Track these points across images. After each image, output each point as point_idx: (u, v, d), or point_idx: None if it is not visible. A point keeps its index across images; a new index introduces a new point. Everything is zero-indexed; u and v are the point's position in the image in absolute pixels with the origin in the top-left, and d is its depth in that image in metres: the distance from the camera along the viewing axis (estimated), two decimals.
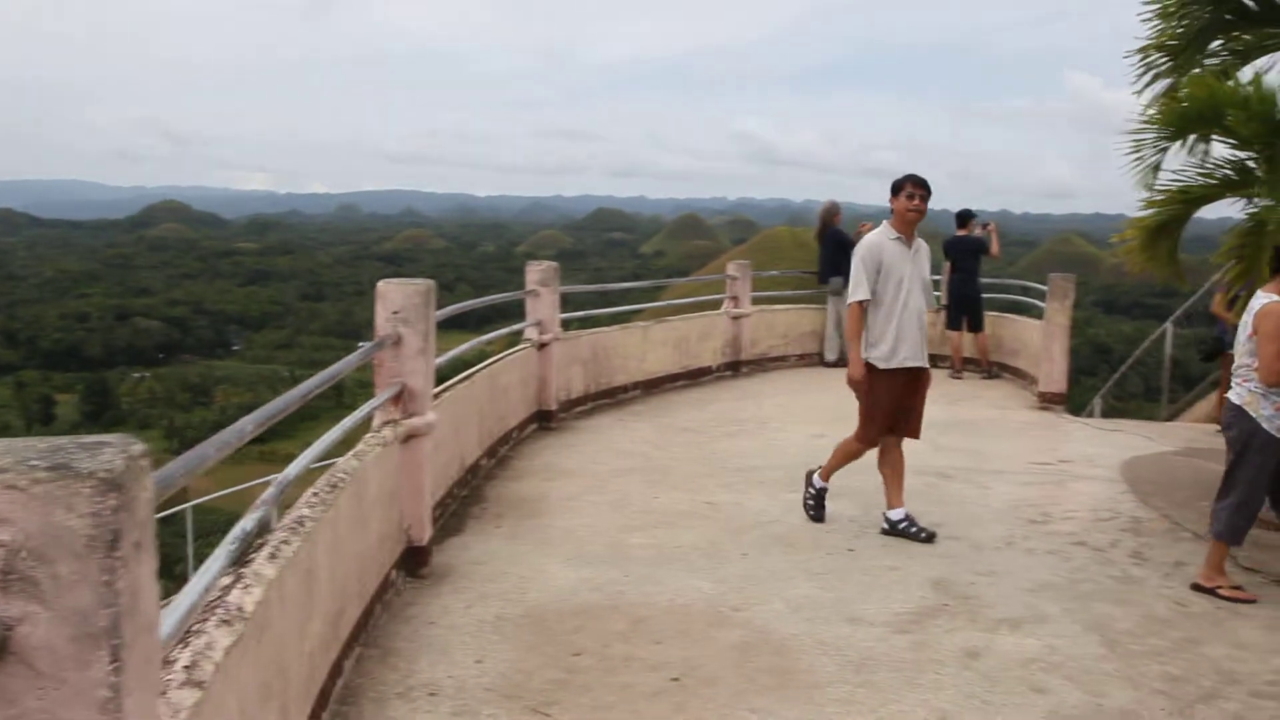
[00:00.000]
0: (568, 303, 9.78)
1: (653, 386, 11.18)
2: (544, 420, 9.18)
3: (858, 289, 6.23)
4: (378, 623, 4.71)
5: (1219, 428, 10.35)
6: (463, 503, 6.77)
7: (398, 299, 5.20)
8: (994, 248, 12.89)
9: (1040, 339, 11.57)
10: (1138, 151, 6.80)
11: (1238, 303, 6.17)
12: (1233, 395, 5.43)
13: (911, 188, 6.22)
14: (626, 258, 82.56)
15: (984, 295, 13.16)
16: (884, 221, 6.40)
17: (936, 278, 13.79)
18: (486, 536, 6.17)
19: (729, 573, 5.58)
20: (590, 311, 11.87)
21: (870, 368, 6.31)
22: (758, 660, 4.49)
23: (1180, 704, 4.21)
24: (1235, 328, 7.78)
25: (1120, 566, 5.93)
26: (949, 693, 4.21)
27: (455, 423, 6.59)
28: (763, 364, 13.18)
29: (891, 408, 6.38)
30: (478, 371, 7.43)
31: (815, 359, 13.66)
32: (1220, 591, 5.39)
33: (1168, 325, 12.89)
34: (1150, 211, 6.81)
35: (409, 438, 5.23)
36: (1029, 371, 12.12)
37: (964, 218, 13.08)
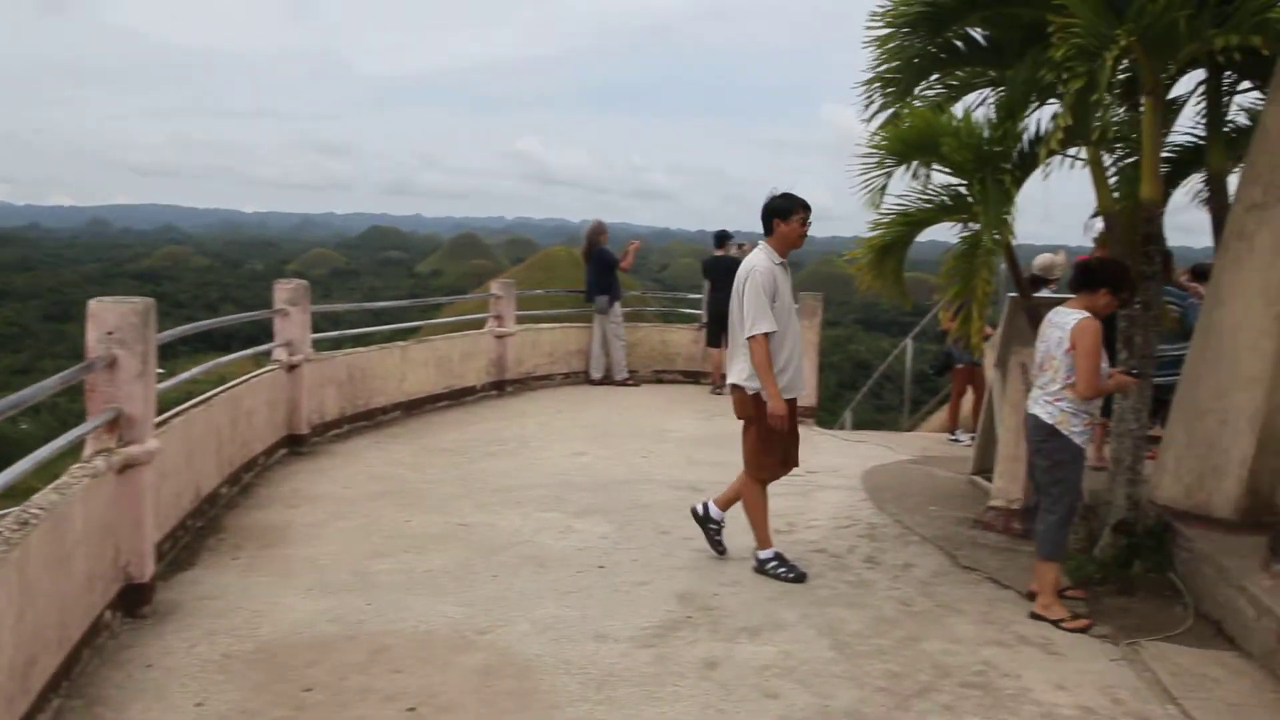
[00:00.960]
0: (339, 322, 9.49)
1: (414, 407, 11.02)
2: (295, 444, 8.89)
3: (762, 320, 5.83)
4: (86, 670, 4.41)
5: (950, 437, 11.03)
6: (197, 534, 6.45)
7: (111, 319, 4.90)
8: None
9: None
10: (867, 175, 7.17)
11: (958, 320, 6.54)
12: (1043, 415, 5.55)
13: (804, 212, 6.10)
14: (403, 276, 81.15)
15: None
16: (761, 244, 6.11)
17: (696, 296, 14.22)
18: (221, 570, 5.90)
19: (477, 595, 5.55)
20: (364, 330, 11.53)
21: (760, 398, 5.96)
22: (499, 684, 4.48)
23: (899, 699, 4.48)
24: (960, 343, 8.29)
25: (855, 571, 6.24)
26: (686, 704, 4.32)
27: (189, 449, 6.30)
28: (528, 383, 13.19)
29: (781, 440, 6.11)
30: (216, 395, 7.08)
31: (581, 377, 13.79)
32: (1063, 625, 5.42)
33: (908, 341, 13.64)
34: (878, 232, 7.17)
35: (126, 467, 4.92)
36: None
37: (721, 238, 13.49)
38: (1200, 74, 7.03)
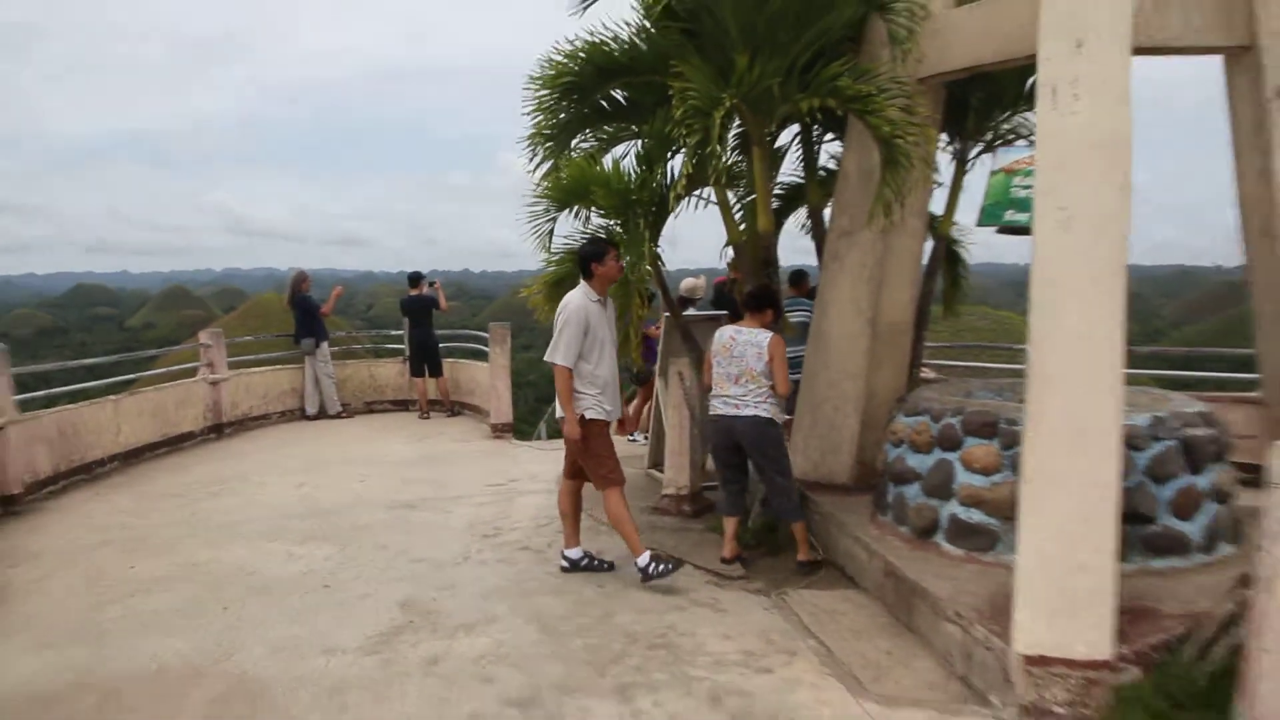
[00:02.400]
0: (50, 380, 8.88)
1: (133, 457, 10.41)
2: (7, 504, 8.24)
3: (567, 353, 5.94)
4: None
5: (629, 438, 11.56)
6: None
7: None
8: (442, 303, 13.50)
9: (488, 378, 12.31)
10: (534, 220, 7.54)
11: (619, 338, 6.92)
12: (761, 413, 6.08)
13: (614, 250, 6.21)
14: (114, 331, 74.56)
15: (441, 344, 13.76)
16: (581, 285, 6.14)
17: (399, 332, 14.24)
18: None
19: (208, 628, 5.40)
20: (79, 386, 10.73)
21: (587, 420, 6.08)
22: (234, 708, 4.42)
23: (598, 667, 4.79)
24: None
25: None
26: (413, 699, 4.45)
27: None
28: (246, 424, 12.75)
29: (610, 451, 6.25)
30: None
31: (297, 414, 13.48)
32: (817, 558, 6.35)
33: None
34: (550, 269, 7.55)
35: None
36: (483, 407, 12.78)
37: (415, 279, 13.60)
38: (797, 128, 7.88)
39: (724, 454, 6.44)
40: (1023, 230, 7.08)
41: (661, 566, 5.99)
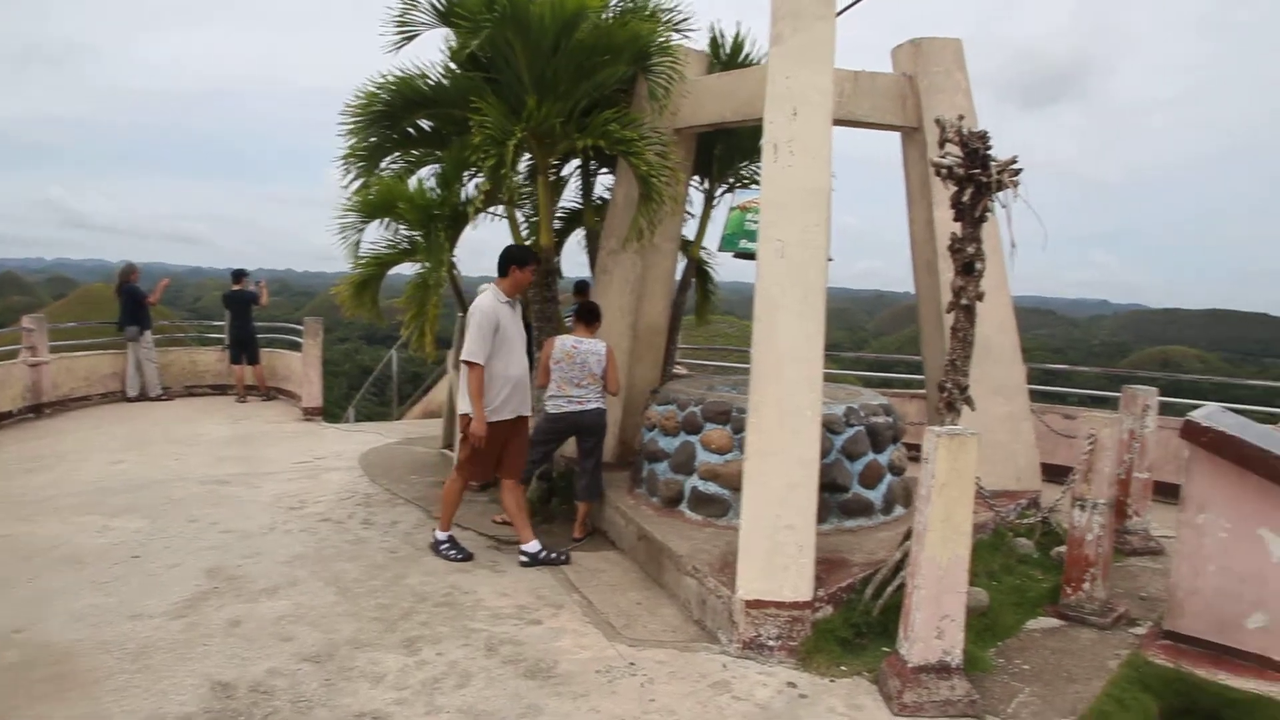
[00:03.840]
0: None
1: None
2: None
3: (478, 351, 5.47)
4: None
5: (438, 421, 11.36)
6: None
7: None
8: (264, 299, 12.93)
9: (301, 366, 11.86)
10: (344, 230, 7.37)
11: (414, 338, 6.84)
12: (602, 405, 6.09)
13: (535, 263, 5.90)
14: None
15: (259, 335, 13.16)
16: (491, 286, 5.72)
17: (221, 323, 13.47)
18: None
19: (13, 599, 4.94)
20: None
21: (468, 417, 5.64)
22: (37, 673, 4.08)
23: (388, 624, 4.74)
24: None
25: (354, 532, 6.37)
26: (215, 658, 4.25)
27: None
28: (67, 405, 11.69)
29: (493, 453, 5.71)
30: None
31: (118, 396, 12.50)
32: (588, 532, 6.32)
33: (393, 352, 13.93)
34: (357, 271, 7.40)
35: None
36: (297, 392, 12.29)
37: (238, 275, 12.95)
38: (578, 161, 8.07)
39: (554, 442, 6.34)
40: (753, 256, 7.53)
41: (454, 551, 5.81)
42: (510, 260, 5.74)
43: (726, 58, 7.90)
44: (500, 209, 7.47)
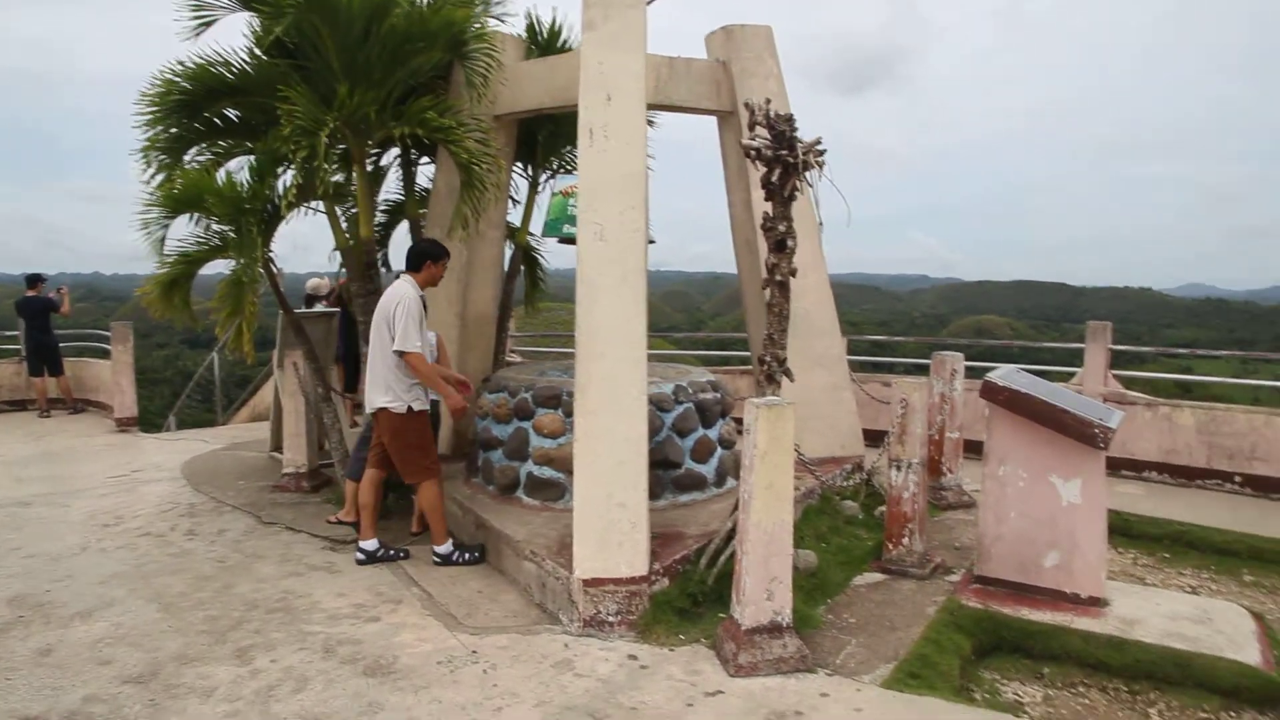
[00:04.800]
0: None
1: None
2: None
3: (414, 337, 5.29)
4: None
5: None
6: None
7: None
8: (65, 307, 12.02)
9: (111, 375, 11.10)
10: (147, 227, 6.91)
11: (233, 336, 6.52)
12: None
13: (447, 259, 5.63)
14: None
15: (64, 344, 12.21)
16: (406, 276, 5.53)
17: (14, 333, 12.40)
18: None
19: None
20: None
21: (408, 414, 5.40)
22: None
23: (218, 635, 4.53)
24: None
25: (178, 545, 6.04)
26: (21, 692, 3.93)
27: None
28: None
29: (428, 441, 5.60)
30: None
31: None
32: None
33: (214, 355, 13.20)
34: (164, 270, 6.95)
35: None
36: (108, 403, 11.50)
37: (33, 280, 11.98)
38: (398, 150, 7.87)
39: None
40: (575, 241, 7.59)
41: (467, 555, 5.58)
42: (425, 255, 5.61)
43: (544, 43, 7.89)
44: (320, 202, 7.19)
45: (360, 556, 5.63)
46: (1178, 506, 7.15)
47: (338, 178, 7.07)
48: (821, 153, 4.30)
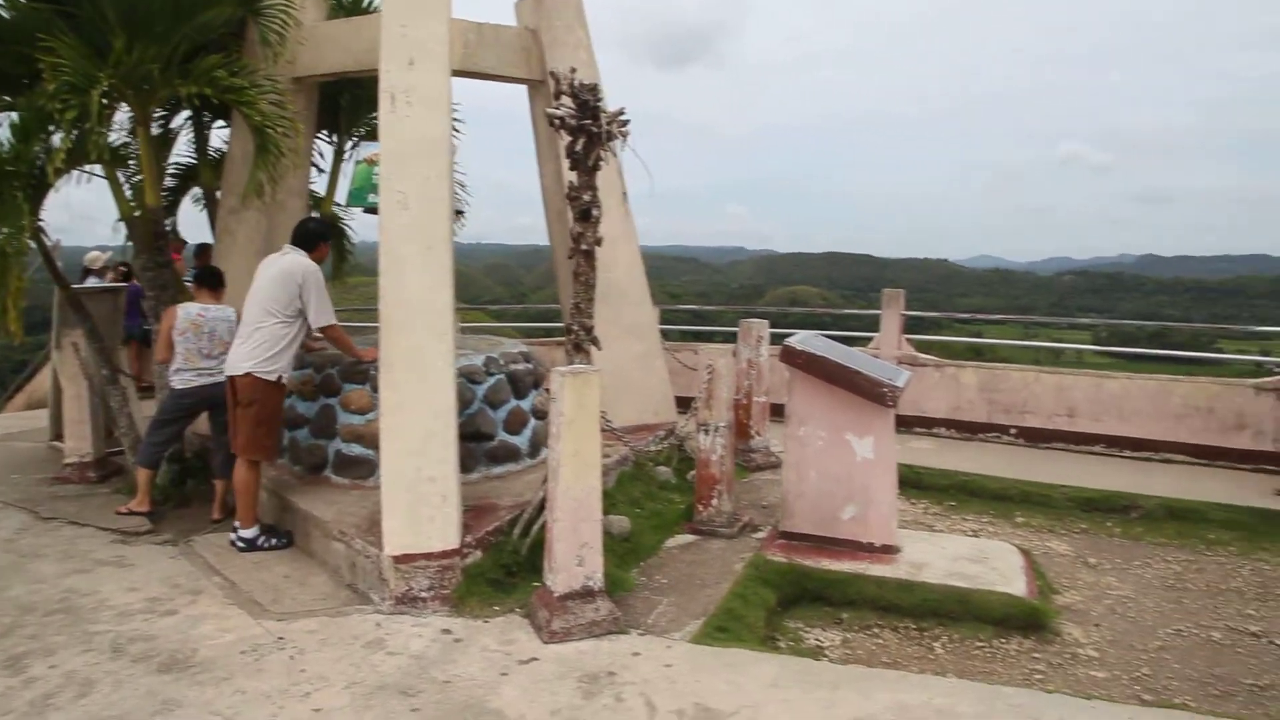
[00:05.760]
0: None
1: None
2: None
3: (330, 311, 5.27)
4: None
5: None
6: None
7: None
8: None
9: None
10: None
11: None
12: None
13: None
14: None
15: None
16: (299, 250, 5.31)
17: None
18: None
19: None
20: None
21: (276, 384, 5.20)
22: None
23: None
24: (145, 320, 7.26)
25: None
26: None
27: None
28: None
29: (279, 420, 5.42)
30: None
31: None
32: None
33: None
34: None
35: None
36: None
37: None
38: (189, 112, 7.35)
39: (184, 419, 5.86)
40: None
41: (274, 539, 5.35)
42: (319, 236, 5.48)
43: (349, 3, 7.56)
44: (100, 167, 6.61)
45: (240, 545, 5.33)
46: (963, 458, 7.77)
47: (119, 140, 6.51)
48: (625, 123, 4.34)
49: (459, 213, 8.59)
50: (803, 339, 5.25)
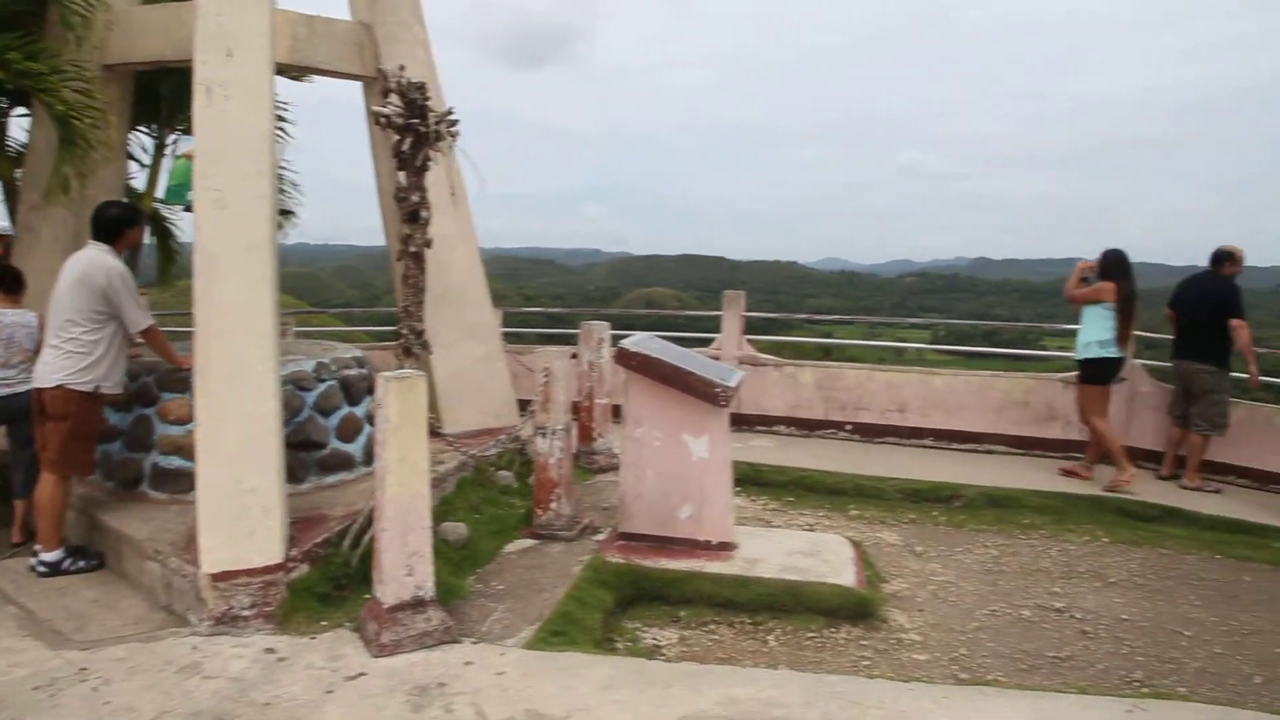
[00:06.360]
0: None
1: None
2: None
3: (143, 313, 4.94)
4: None
5: None
6: None
7: None
8: None
9: None
10: None
11: None
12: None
13: (144, 220, 4.92)
14: None
15: None
16: (101, 246, 4.92)
17: None
18: None
19: None
20: None
21: (92, 395, 4.83)
22: None
23: None
24: None
25: None
26: None
27: None
28: None
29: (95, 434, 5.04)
30: None
31: None
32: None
33: None
34: None
35: None
36: None
37: None
38: None
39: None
40: None
41: (82, 562, 4.96)
42: (124, 223, 5.06)
43: None
44: None
45: (42, 570, 4.91)
46: (801, 455, 8.04)
47: None
48: (455, 123, 4.27)
49: (288, 212, 8.27)
50: (637, 340, 5.29)
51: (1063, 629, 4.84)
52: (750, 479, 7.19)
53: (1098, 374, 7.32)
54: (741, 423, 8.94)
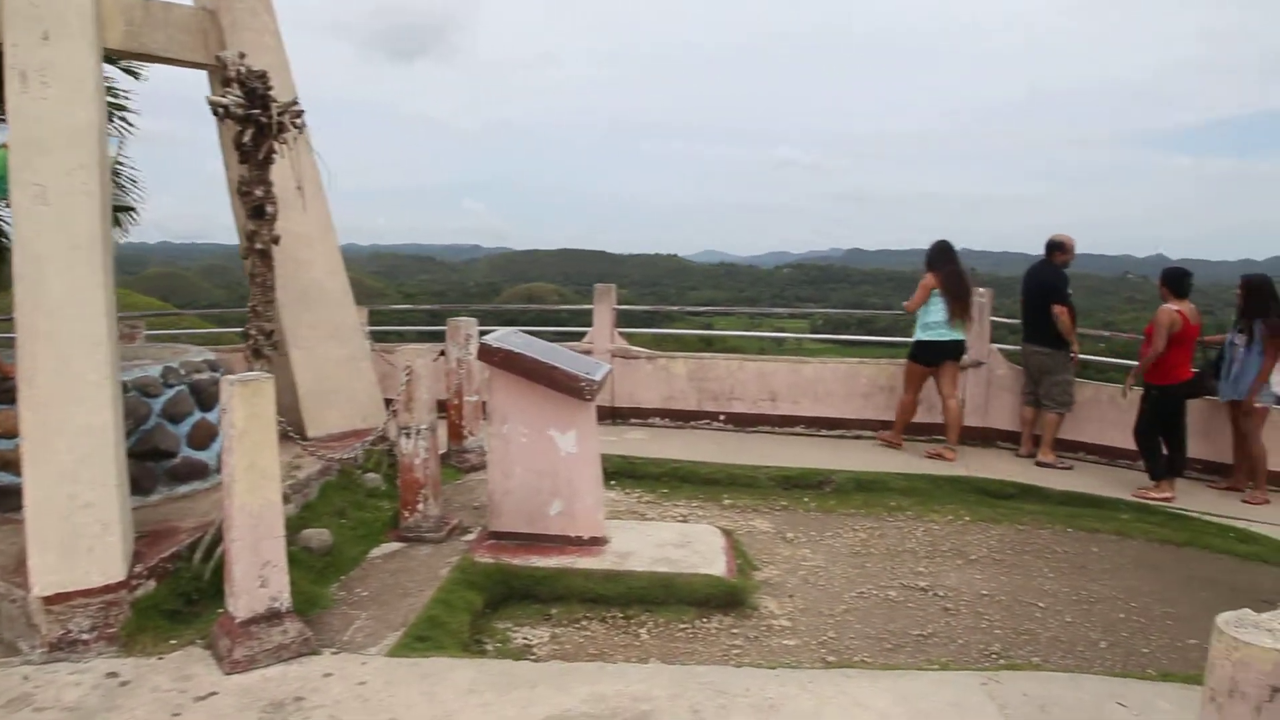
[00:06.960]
0: None
1: None
2: None
3: None
4: None
5: None
6: None
7: None
8: None
9: None
10: None
11: None
12: None
13: None
14: None
15: None
16: None
17: None
18: None
19: None
20: None
21: None
22: None
23: None
24: None
25: None
26: None
27: None
28: None
29: None
30: None
31: None
32: None
33: None
34: None
35: None
36: None
37: None
38: None
39: None
40: None
41: None
42: None
43: None
44: None
45: None
46: (676, 446, 8.11)
47: None
48: (300, 114, 4.11)
49: (127, 208, 7.84)
50: (500, 336, 5.22)
51: (926, 607, 5.02)
52: (624, 472, 7.21)
53: (918, 353, 7.98)
54: (615, 415, 8.95)
